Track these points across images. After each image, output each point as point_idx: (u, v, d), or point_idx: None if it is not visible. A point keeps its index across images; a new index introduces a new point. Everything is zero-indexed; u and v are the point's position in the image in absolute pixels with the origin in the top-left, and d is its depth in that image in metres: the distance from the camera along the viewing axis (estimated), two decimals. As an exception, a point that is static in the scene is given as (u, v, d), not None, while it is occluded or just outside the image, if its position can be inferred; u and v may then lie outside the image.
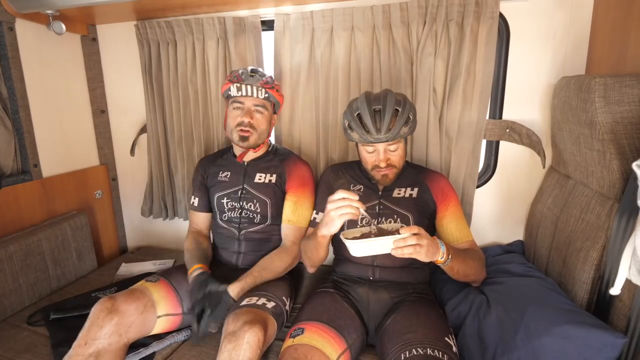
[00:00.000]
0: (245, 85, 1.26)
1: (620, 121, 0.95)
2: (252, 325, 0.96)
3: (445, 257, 1.00)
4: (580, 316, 0.92)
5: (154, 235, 2.01)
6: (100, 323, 1.01)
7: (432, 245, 0.95)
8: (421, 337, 0.95)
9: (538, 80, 1.38)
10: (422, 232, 0.94)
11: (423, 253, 0.92)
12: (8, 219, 1.47)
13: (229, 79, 1.29)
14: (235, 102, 1.29)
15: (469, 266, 1.10)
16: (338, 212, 0.94)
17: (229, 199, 1.35)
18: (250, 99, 1.28)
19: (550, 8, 1.31)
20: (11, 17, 1.44)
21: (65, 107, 1.73)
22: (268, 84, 1.30)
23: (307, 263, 1.24)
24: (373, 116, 1.08)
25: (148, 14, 1.64)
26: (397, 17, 1.36)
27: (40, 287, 1.48)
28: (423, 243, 0.91)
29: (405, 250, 0.90)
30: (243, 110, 1.28)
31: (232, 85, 1.27)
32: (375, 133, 1.08)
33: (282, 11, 1.53)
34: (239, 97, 1.28)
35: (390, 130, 1.07)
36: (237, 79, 1.27)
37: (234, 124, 1.29)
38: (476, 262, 1.13)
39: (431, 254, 0.95)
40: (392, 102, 1.08)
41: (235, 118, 1.29)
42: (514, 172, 1.48)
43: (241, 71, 1.30)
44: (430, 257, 0.96)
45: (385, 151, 1.13)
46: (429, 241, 0.93)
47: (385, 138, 1.08)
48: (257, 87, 1.27)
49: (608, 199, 1.02)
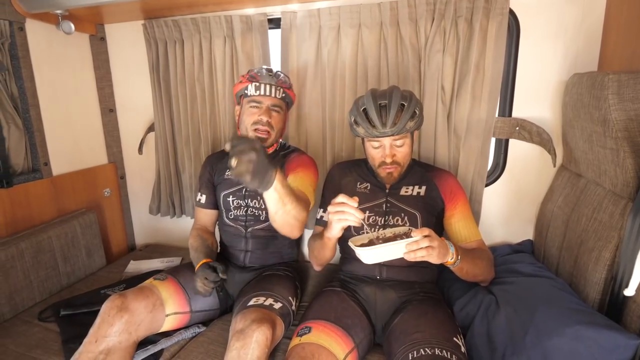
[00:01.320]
0: (264, 84, 1.25)
1: (634, 119, 0.93)
2: (261, 324, 0.96)
3: (455, 258, 0.99)
4: (591, 316, 0.90)
5: (162, 233, 2.02)
6: (111, 321, 1.02)
7: (442, 246, 0.94)
8: (429, 337, 0.94)
9: (549, 77, 1.35)
10: (433, 234, 0.93)
11: (435, 255, 0.91)
12: (19, 216, 1.49)
13: (246, 79, 1.27)
14: (252, 101, 1.27)
15: (478, 266, 1.09)
16: (336, 217, 0.93)
17: (234, 197, 1.35)
18: (268, 98, 1.27)
19: (561, 3, 1.29)
20: (21, 17, 1.45)
21: (74, 106, 1.75)
22: (285, 84, 1.30)
23: (313, 262, 1.23)
24: (379, 111, 1.08)
25: (155, 13, 1.65)
26: (405, 13, 1.34)
27: (50, 284, 1.50)
28: (434, 245, 0.91)
29: (419, 253, 0.90)
30: (261, 109, 1.26)
31: (249, 85, 1.25)
32: (380, 127, 1.07)
33: (289, 9, 1.52)
34: (256, 96, 1.26)
35: (396, 125, 1.07)
36: (255, 79, 1.26)
37: (250, 121, 1.27)
38: (485, 262, 1.12)
39: (442, 255, 0.94)
40: (397, 97, 1.08)
41: (251, 116, 1.26)
42: (524, 170, 1.46)
43: (258, 70, 1.28)
44: (442, 259, 0.95)
45: (391, 146, 1.12)
46: (439, 242, 0.93)
47: (390, 132, 1.08)
48: (276, 86, 1.26)
49: (621, 198, 1.00)
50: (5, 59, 1.43)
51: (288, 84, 1.31)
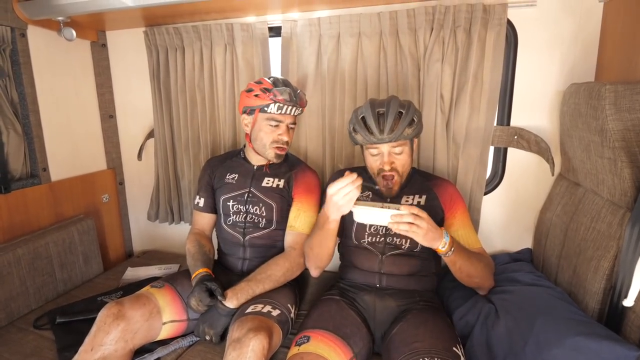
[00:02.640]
0: (287, 106, 1.25)
1: (631, 129, 0.94)
2: (257, 333, 0.96)
3: (447, 248, 1.00)
4: (591, 327, 0.90)
5: (160, 240, 2.02)
6: (107, 329, 1.01)
7: (433, 230, 0.97)
8: (428, 347, 0.94)
9: (546, 86, 1.37)
10: (424, 215, 0.96)
11: (421, 235, 0.95)
12: (17, 222, 1.48)
13: (269, 98, 1.23)
14: (273, 119, 1.27)
15: (473, 266, 1.08)
16: (346, 198, 0.97)
17: (234, 202, 1.35)
18: (289, 117, 1.29)
19: (558, 15, 1.31)
20: (23, 23, 1.46)
21: (74, 112, 1.75)
22: (305, 103, 1.32)
23: (312, 264, 1.21)
24: (377, 118, 1.10)
25: (157, 21, 1.66)
26: (404, 23, 1.36)
27: (46, 291, 1.48)
28: (422, 225, 0.94)
29: (402, 226, 0.95)
30: (280, 127, 1.28)
31: (272, 104, 1.24)
32: (378, 134, 1.09)
33: (290, 18, 1.54)
34: (277, 115, 1.26)
35: (394, 131, 1.08)
36: (277, 97, 1.23)
37: (270, 139, 1.28)
38: (482, 264, 1.11)
39: (430, 238, 0.97)
40: (395, 105, 1.10)
41: (271, 134, 1.28)
42: (522, 179, 1.47)
43: (279, 89, 1.23)
44: (429, 242, 0.98)
45: (389, 154, 1.13)
46: (429, 225, 0.96)
47: (388, 139, 1.09)
48: (297, 107, 1.28)
49: (619, 208, 1.00)
50: (6, 64, 1.44)
51: (305, 101, 1.33)
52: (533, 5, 1.31)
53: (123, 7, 1.33)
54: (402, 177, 1.16)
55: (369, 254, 1.20)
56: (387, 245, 1.18)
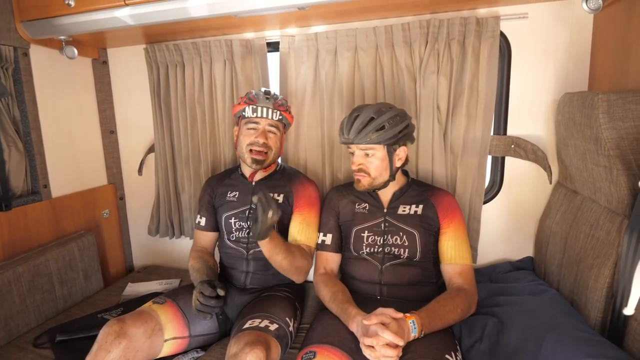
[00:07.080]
0: (261, 107, 1.28)
1: (625, 137, 0.95)
2: (254, 347, 0.95)
3: (418, 333, 0.99)
4: (600, 348, 0.88)
5: (161, 254, 2.01)
6: (108, 347, 1.01)
7: (401, 334, 0.94)
8: (417, 357, 0.94)
9: (541, 96, 1.39)
10: (387, 332, 0.92)
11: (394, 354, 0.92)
12: (17, 239, 1.48)
13: (244, 101, 1.31)
14: (250, 122, 1.30)
15: (450, 319, 1.07)
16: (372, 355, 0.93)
17: (236, 219, 1.35)
18: (265, 120, 1.30)
19: (550, 26, 1.34)
20: (26, 43, 1.49)
21: (76, 129, 1.77)
22: (282, 106, 1.33)
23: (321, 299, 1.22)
24: (350, 120, 1.16)
25: (157, 38, 1.69)
26: (400, 37, 1.39)
27: (46, 308, 1.47)
28: (389, 354, 0.91)
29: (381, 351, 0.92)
30: (257, 130, 1.30)
31: (247, 107, 1.29)
32: (346, 134, 1.17)
33: (287, 33, 1.57)
34: (253, 117, 1.29)
35: (358, 134, 1.13)
36: (253, 101, 1.29)
37: (246, 142, 1.29)
38: (458, 310, 1.08)
39: (405, 339, 0.95)
40: (370, 111, 1.15)
41: (248, 137, 1.29)
42: (521, 187, 1.48)
43: (255, 93, 1.32)
44: (406, 341, 0.96)
45: (361, 156, 1.18)
46: (395, 335, 0.92)
47: (351, 140, 1.15)
48: (272, 109, 1.29)
49: (617, 215, 1.01)
50: (9, 83, 1.45)
51: (285, 106, 1.34)
52: (525, 17, 1.34)
53: (124, 25, 1.35)
54: (374, 179, 1.18)
55: (369, 265, 1.20)
56: (386, 255, 1.19)
